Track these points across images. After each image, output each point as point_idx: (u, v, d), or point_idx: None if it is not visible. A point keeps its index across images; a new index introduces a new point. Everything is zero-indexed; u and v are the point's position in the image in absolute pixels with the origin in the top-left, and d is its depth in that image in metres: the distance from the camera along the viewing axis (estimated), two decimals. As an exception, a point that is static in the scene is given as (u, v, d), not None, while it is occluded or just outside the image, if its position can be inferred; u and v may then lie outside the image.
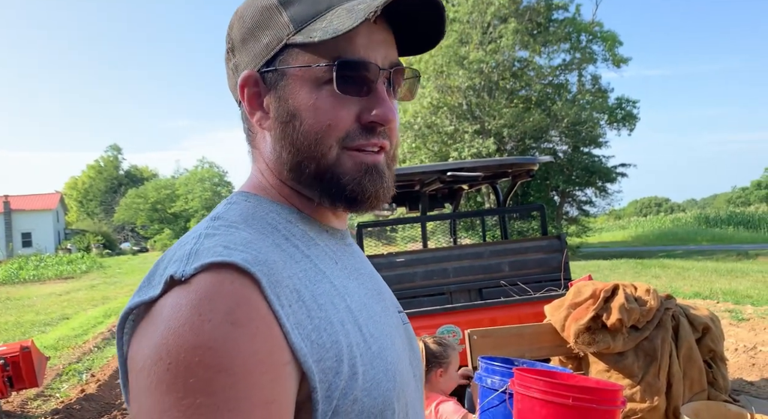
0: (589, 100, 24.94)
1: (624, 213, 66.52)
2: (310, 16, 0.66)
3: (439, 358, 2.48)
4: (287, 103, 0.67)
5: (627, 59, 26.00)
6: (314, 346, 0.57)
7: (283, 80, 0.67)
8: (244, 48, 0.70)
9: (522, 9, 24.13)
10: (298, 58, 0.66)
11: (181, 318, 0.52)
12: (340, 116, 0.66)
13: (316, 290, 0.61)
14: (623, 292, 2.56)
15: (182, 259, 0.57)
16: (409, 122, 22.56)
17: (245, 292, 0.54)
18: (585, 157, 24.76)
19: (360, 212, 0.71)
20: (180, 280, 0.54)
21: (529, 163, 4.43)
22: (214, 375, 0.50)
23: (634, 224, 44.91)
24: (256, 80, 0.69)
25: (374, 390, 0.61)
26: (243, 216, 0.66)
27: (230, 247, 0.58)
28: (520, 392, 1.65)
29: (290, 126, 0.67)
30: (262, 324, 0.54)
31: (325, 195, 0.69)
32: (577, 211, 26.59)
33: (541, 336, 2.67)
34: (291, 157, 0.68)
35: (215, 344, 0.51)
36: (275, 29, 0.67)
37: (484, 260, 4.20)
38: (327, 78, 0.65)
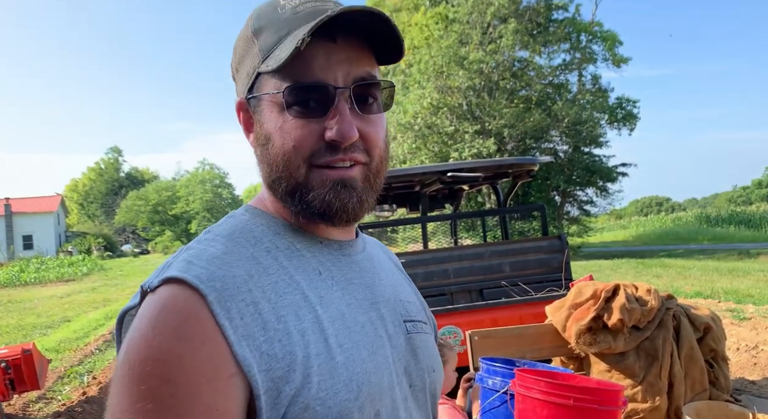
0: (590, 100, 24.93)
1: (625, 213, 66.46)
2: (273, 44, 0.70)
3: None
4: (263, 127, 0.73)
5: (627, 59, 26.01)
6: (263, 356, 0.60)
7: (260, 106, 0.73)
8: (238, 76, 0.77)
9: (522, 9, 24.13)
10: (267, 85, 0.71)
11: (140, 329, 0.59)
12: (302, 137, 0.69)
13: (279, 301, 0.65)
14: (624, 292, 2.56)
15: (158, 271, 0.65)
16: (409, 123, 22.57)
17: (193, 308, 0.59)
18: (586, 157, 24.75)
19: (336, 225, 0.74)
20: (148, 290, 0.63)
21: (530, 163, 4.43)
22: (161, 384, 0.56)
23: (635, 223, 44.87)
24: (244, 107, 0.76)
25: (329, 399, 0.63)
26: (230, 230, 0.71)
27: (193, 263, 0.63)
28: (522, 393, 1.65)
29: (266, 148, 0.73)
30: (207, 339, 0.58)
31: (299, 211, 0.73)
32: (578, 211, 26.58)
33: (543, 336, 2.67)
34: (268, 175, 0.74)
35: (163, 356, 0.57)
36: (251, 58, 0.73)
37: (485, 260, 4.20)
38: (290, 102, 0.69)
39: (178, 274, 0.61)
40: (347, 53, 0.69)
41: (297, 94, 0.69)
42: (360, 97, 0.71)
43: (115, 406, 0.58)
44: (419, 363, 0.80)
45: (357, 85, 0.70)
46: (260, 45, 0.71)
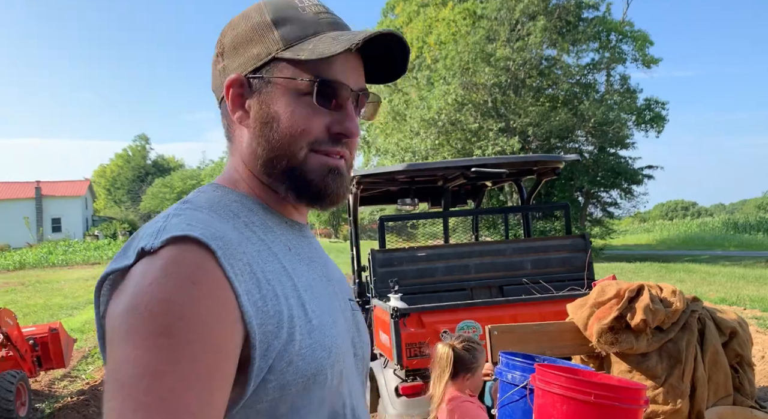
0: (617, 101, 24.54)
1: (649, 216, 65.36)
2: (299, 38, 0.77)
3: (467, 364, 2.41)
4: (268, 107, 0.78)
5: (657, 60, 25.54)
6: (259, 312, 0.66)
7: (268, 87, 0.78)
8: (235, 54, 0.80)
9: (551, 7, 23.83)
10: (283, 71, 0.77)
11: (150, 278, 0.62)
12: (313, 123, 0.78)
13: (266, 267, 0.71)
14: (648, 292, 2.52)
15: (152, 235, 0.67)
16: (433, 119, 22.48)
17: (203, 259, 0.64)
18: (611, 158, 24.40)
19: (321, 208, 0.82)
20: (149, 252, 0.64)
21: (555, 161, 4.39)
22: (174, 321, 0.60)
23: (660, 227, 44.14)
24: (242, 83, 0.79)
25: (308, 356, 0.71)
26: (209, 203, 0.76)
27: (192, 224, 0.68)
28: (541, 387, 1.64)
29: (268, 127, 0.78)
30: (218, 286, 0.64)
31: (292, 190, 0.80)
32: (602, 212, 26.24)
33: (563, 334, 2.64)
34: (265, 153, 0.78)
35: (177, 297, 0.61)
36: (266, 44, 0.78)
37: (507, 257, 4.18)
38: (306, 91, 0.77)
39: (183, 233, 0.65)
40: (357, 64, 0.81)
41: (320, 87, 0.77)
42: (358, 104, 0.82)
43: (121, 353, 0.60)
44: (361, 336, 0.90)
45: (362, 92, 0.82)
46: (281, 34, 0.77)
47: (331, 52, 0.74)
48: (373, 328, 4.08)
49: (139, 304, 0.61)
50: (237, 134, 0.83)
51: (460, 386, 2.39)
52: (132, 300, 0.62)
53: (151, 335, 0.59)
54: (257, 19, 0.80)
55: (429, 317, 3.35)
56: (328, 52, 0.74)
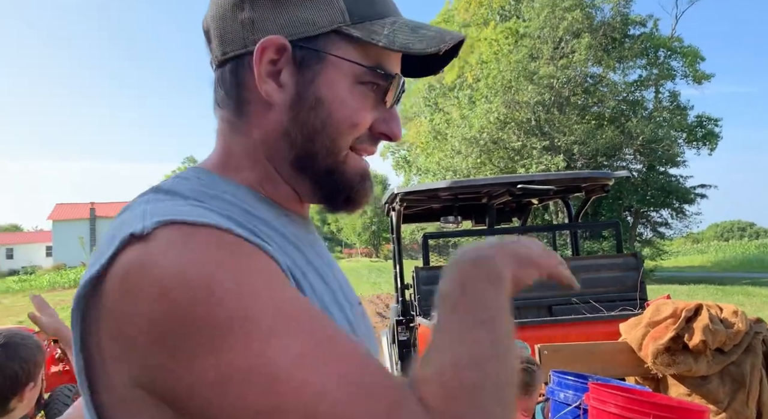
0: (667, 118, 23.88)
1: (703, 237, 62.84)
2: (367, 16, 0.64)
3: (526, 387, 2.36)
4: (316, 88, 0.63)
5: (709, 75, 24.77)
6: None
7: (320, 64, 0.63)
8: (276, 9, 0.63)
9: (596, 24, 23.54)
10: (342, 50, 0.63)
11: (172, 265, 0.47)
12: (365, 118, 0.65)
13: (296, 260, 0.61)
14: (707, 312, 2.42)
15: (136, 218, 0.52)
16: (474, 138, 22.38)
17: (223, 234, 0.51)
18: (661, 176, 23.66)
19: (347, 212, 0.71)
20: (140, 236, 0.49)
21: (605, 177, 4.29)
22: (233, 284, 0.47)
23: (715, 248, 42.37)
24: (283, 49, 0.62)
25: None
26: (194, 192, 0.60)
27: (193, 210, 0.54)
28: (596, 407, 1.59)
29: (313, 112, 0.63)
30: (256, 252, 0.52)
31: (322, 190, 0.67)
32: (652, 232, 25.37)
33: (616, 354, 2.56)
34: (304, 142, 0.64)
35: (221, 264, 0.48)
36: (327, 11, 0.62)
37: (555, 276, 4.08)
38: (365, 80, 0.64)
39: (192, 219, 0.51)
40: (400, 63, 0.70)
41: (382, 79, 0.65)
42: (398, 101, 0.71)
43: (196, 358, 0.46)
44: (372, 342, 0.78)
45: (403, 91, 0.70)
46: (347, 5, 0.63)
47: (418, 50, 0.62)
48: (418, 347, 4.04)
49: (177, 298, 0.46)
50: (255, 110, 0.65)
51: (517, 404, 2.33)
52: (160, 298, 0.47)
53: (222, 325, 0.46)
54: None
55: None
56: (415, 50, 0.62)
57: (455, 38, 0.64)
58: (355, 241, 58.15)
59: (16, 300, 23.32)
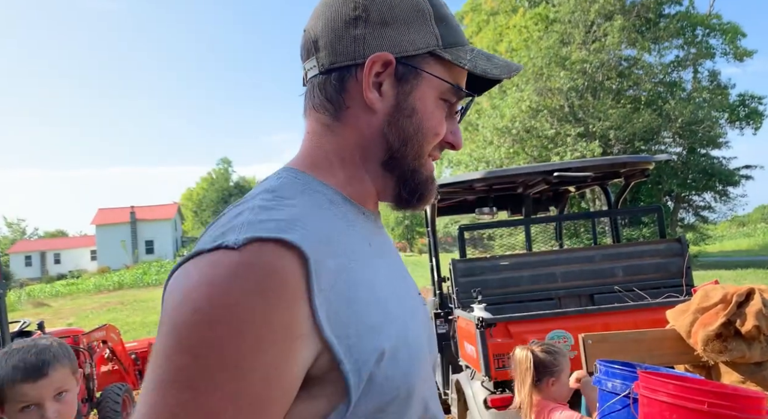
0: (707, 98, 23.07)
1: (749, 220, 60.61)
2: (454, 42, 0.75)
3: (549, 367, 2.35)
4: (412, 99, 0.73)
5: (751, 52, 23.81)
6: (340, 324, 0.60)
7: (416, 79, 0.73)
8: (384, 29, 0.73)
9: (629, 5, 22.91)
10: (434, 68, 0.74)
11: (218, 274, 0.56)
12: (443, 129, 0.77)
13: (354, 267, 0.65)
14: (760, 296, 2.32)
15: (235, 229, 0.60)
16: (506, 127, 22.09)
17: (283, 264, 0.58)
18: (702, 159, 22.92)
19: (413, 210, 0.80)
20: (230, 248, 0.58)
21: (644, 162, 4.17)
22: (227, 330, 0.55)
23: (762, 231, 40.84)
24: (389, 64, 0.72)
25: (398, 368, 0.65)
26: (294, 192, 0.69)
27: (287, 222, 0.61)
28: (647, 395, 1.55)
29: (408, 119, 0.73)
30: (289, 297, 0.57)
31: (403, 188, 0.76)
32: (694, 217, 24.63)
33: (664, 342, 2.48)
34: (398, 144, 0.74)
35: (237, 305, 0.55)
36: (425, 35, 0.74)
37: (596, 264, 4.00)
38: (448, 96, 0.76)
39: (273, 235, 0.59)
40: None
41: (458, 95, 0.77)
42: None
43: (160, 345, 0.57)
44: (430, 332, 0.85)
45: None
46: (440, 32, 0.74)
47: (494, 75, 0.76)
48: (457, 339, 4.02)
49: (197, 300, 0.56)
50: (355, 115, 0.74)
51: (547, 393, 2.31)
52: (184, 292, 0.57)
53: (198, 341, 0.55)
54: (421, 5, 0.74)
55: (516, 327, 3.26)
56: (492, 75, 0.75)
57: (518, 69, 0.79)
58: (389, 235, 58.27)
59: (64, 303, 24.21)
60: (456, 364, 4.17)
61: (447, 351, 4.43)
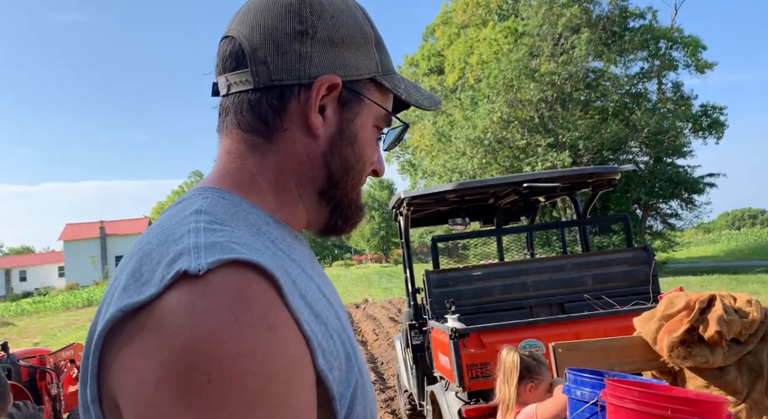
0: (671, 109, 23.79)
1: (714, 226, 62.39)
2: (389, 69, 0.73)
3: (532, 373, 2.44)
4: (354, 127, 0.69)
5: (712, 64, 24.67)
6: (325, 354, 0.55)
7: (359, 105, 0.69)
8: (330, 49, 0.67)
9: (595, 19, 23.52)
10: (374, 95, 0.71)
11: (213, 321, 0.47)
12: (375, 157, 0.74)
13: (312, 296, 0.59)
14: (721, 303, 2.39)
15: (189, 252, 0.51)
16: (478, 138, 22.38)
17: (271, 295, 0.51)
18: (668, 168, 23.56)
19: (343, 235, 0.77)
20: (194, 275, 0.49)
21: (611, 172, 4.27)
22: (263, 383, 0.47)
23: (726, 237, 42.05)
24: (334, 87, 0.67)
25: (364, 399, 0.61)
26: (228, 214, 0.61)
27: (242, 245, 0.54)
28: (614, 403, 1.58)
29: (350, 148, 0.69)
30: (292, 328, 0.52)
31: (337, 217, 0.73)
32: (662, 224, 25.24)
33: (631, 349, 2.54)
34: (338, 172, 0.69)
35: (258, 350, 0.47)
36: (368, 60, 0.70)
37: (565, 273, 4.07)
38: (380, 123, 0.73)
39: (244, 257, 0.51)
40: None
41: (388, 123, 0.75)
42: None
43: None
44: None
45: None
46: (379, 57, 0.71)
47: (424, 107, 0.75)
48: (432, 350, 4.03)
49: (209, 360, 0.46)
50: (292, 138, 0.67)
51: (525, 397, 2.37)
52: (189, 352, 0.46)
53: (241, 406, 0.46)
54: (364, 28, 0.70)
55: (489, 337, 3.29)
56: (422, 106, 0.74)
57: (439, 102, 0.79)
58: (365, 247, 58.19)
59: (30, 322, 23.49)
60: (431, 375, 4.18)
61: (422, 362, 4.44)
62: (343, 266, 46.25)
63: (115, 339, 0.50)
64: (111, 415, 0.51)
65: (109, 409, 0.51)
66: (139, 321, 0.48)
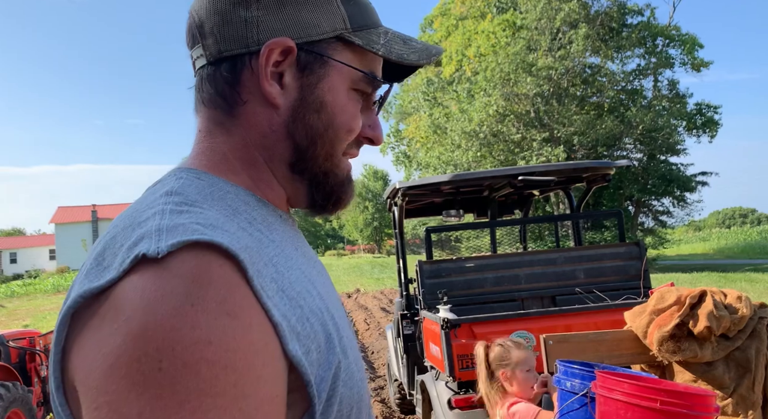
0: (666, 107, 23.83)
1: (705, 224, 62.87)
2: (364, 24, 0.66)
3: (501, 361, 2.47)
4: (319, 92, 0.63)
5: (708, 63, 24.71)
6: (300, 337, 0.53)
7: (323, 68, 0.63)
8: (279, 10, 0.62)
9: (593, 14, 23.48)
10: (343, 55, 0.64)
11: (168, 306, 0.45)
12: (358, 124, 0.67)
13: (291, 277, 0.57)
14: (711, 298, 2.42)
15: (150, 236, 0.49)
16: (474, 131, 22.36)
17: (234, 279, 0.49)
18: (662, 165, 23.65)
19: (329, 215, 0.72)
20: (153, 259, 0.47)
21: (605, 167, 4.29)
22: (219, 372, 0.44)
23: (717, 236, 42.39)
24: (288, 52, 0.62)
25: (349, 380, 0.58)
26: (202, 194, 0.58)
27: (207, 226, 0.51)
28: (603, 395, 1.60)
29: (316, 115, 0.64)
30: (255, 314, 0.49)
31: (316, 192, 0.67)
32: (653, 221, 25.37)
33: (622, 342, 2.56)
34: (305, 144, 0.64)
35: (215, 338, 0.45)
36: (329, 16, 0.63)
37: (558, 266, 4.09)
38: (362, 86, 0.66)
39: (205, 238, 0.48)
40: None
41: (373, 85, 0.67)
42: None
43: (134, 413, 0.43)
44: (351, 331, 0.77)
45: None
46: (347, 12, 0.64)
47: (411, 61, 0.66)
48: (423, 340, 4.05)
49: (161, 347, 0.43)
50: (253, 111, 0.63)
51: (503, 386, 2.42)
52: (143, 339, 0.43)
53: (193, 394, 0.43)
54: None
55: (480, 328, 3.31)
56: (409, 60, 0.66)
57: (439, 52, 0.69)
58: (358, 237, 58.23)
59: (20, 304, 23.40)
60: (421, 365, 4.20)
61: (413, 352, 4.47)
62: (335, 256, 46.32)
63: (75, 325, 0.48)
64: (73, 404, 0.49)
65: (71, 397, 0.49)
66: (96, 306, 0.47)
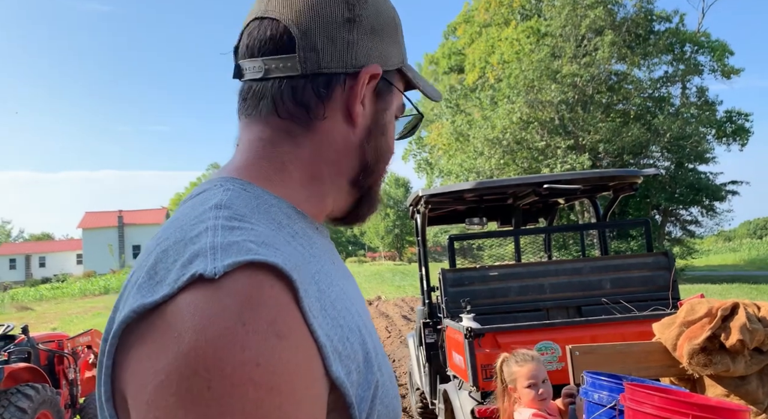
0: (695, 114, 23.42)
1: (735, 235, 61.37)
2: (404, 60, 0.73)
3: (506, 375, 2.51)
4: (387, 117, 0.70)
5: (738, 70, 24.23)
6: (342, 358, 0.53)
7: (389, 96, 0.69)
8: (373, 38, 0.66)
9: (619, 21, 23.23)
10: (399, 85, 0.71)
11: (219, 326, 0.45)
12: (394, 147, 0.74)
13: (331, 294, 0.57)
14: (744, 311, 2.35)
15: (205, 254, 0.49)
16: (497, 138, 22.24)
17: (284, 299, 0.49)
18: (690, 174, 23.21)
19: (359, 224, 0.77)
20: (210, 279, 0.47)
21: (633, 175, 4.22)
22: (264, 395, 0.45)
23: (748, 246, 41.34)
24: (375, 77, 0.66)
25: (385, 397, 0.59)
26: (249, 207, 0.58)
27: (260, 244, 0.52)
28: (632, 407, 1.56)
29: (383, 137, 0.70)
30: (302, 336, 0.50)
31: (363, 203, 0.73)
32: (681, 231, 24.88)
33: (650, 354, 2.50)
34: (374, 162, 0.70)
35: (263, 359, 0.46)
36: (398, 48, 0.70)
37: (584, 276, 4.03)
38: (398, 113, 0.73)
39: (260, 258, 0.49)
40: None
41: (401, 114, 0.75)
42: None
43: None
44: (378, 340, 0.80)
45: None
46: (402, 48, 0.72)
47: (434, 98, 0.76)
48: (446, 349, 4.02)
49: (211, 366, 0.44)
50: (331, 127, 0.66)
51: (514, 397, 2.46)
52: (194, 357, 0.44)
53: (238, 415, 0.44)
54: (396, 16, 0.71)
55: (504, 337, 3.27)
56: (433, 97, 0.76)
57: (440, 96, 0.80)
58: (379, 244, 58.26)
59: (49, 307, 23.91)
60: (444, 374, 4.17)
61: (435, 361, 4.43)
62: (356, 263, 46.36)
63: (127, 339, 0.49)
64: (123, 415, 0.50)
65: (121, 409, 0.50)
66: (150, 321, 0.48)
